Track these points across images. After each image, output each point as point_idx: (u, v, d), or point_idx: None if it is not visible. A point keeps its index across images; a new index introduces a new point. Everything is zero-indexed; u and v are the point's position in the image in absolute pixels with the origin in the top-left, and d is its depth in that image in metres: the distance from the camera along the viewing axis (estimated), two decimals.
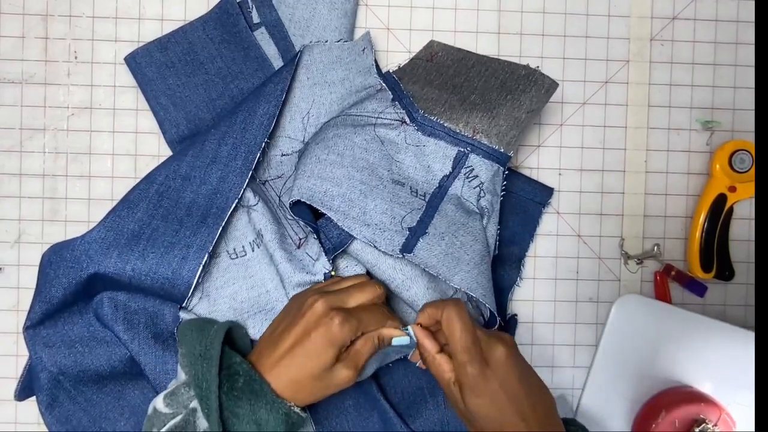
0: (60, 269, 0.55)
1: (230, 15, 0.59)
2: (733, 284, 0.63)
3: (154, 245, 0.54)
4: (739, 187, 0.61)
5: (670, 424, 0.55)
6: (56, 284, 0.55)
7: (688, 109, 0.63)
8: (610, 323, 0.59)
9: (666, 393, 0.58)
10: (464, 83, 0.57)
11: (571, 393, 0.62)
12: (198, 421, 0.46)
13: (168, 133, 0.59)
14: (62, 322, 0.56)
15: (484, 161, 0.55)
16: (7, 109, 0.59)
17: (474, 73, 0.58)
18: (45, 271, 0.55)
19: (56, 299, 0.55)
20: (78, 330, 0.56)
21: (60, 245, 0.55)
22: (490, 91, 0.56)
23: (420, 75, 0.58)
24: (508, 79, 0.57)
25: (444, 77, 0.58)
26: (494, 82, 0.57)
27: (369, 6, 0.61)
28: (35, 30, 0.60)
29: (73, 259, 0.55)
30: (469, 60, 0.59)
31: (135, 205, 0.56)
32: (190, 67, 0.59)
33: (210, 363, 0.47)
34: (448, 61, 0.59)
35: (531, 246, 0.62)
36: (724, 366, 0.58)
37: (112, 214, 0.56)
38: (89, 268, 0.54)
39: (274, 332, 0.50)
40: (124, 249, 0.54)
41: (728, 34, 0.63)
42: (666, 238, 0.63)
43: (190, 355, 0.48)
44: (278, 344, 0.49)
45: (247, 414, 0.47)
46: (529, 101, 0.55)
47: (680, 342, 0.59)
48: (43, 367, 0.55)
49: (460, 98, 0.56)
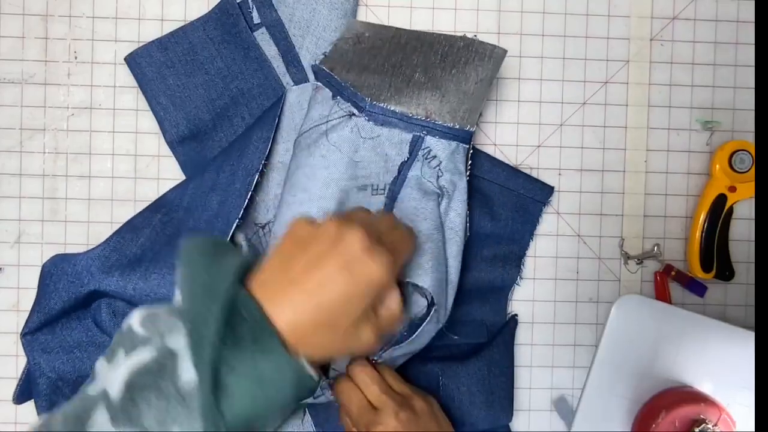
0: (60, 283, 0.55)
1: (230, 15, 0.59)
2: (733, 284, 0.63)
3: (157, 266, 0.54)
4: (739, 187, 0.61)
5: (670, 424, 0.55)
6: (55, 297, 0.55)
7: (688, 109, 0.63)
8: (610, 323, 0.59)
9: (666, 393, 0.58)
10: (403, 62, 0.55)
11: (571, 393, 0.62)
12: (180, 368, 0.37)
13: (168, 133, 0.59)
14: (60, 328, 0.56)
15: (441, 141, 0.53)
16: (7, 109, 0.59)
17: (410, 50, 0.55)
18: (45, 282, 0.55)
19: (55, 311, 0.55)
20: (76, 335, 0.56)
21: (61, 258, 0.55)
22: (433, 67, 0.54)
23: (353, 61, 0.55)
24: (448, 52, 0.55)
25: (379, 59, 0.55)
26: (434, 58, 0.55)
27: (369, 6, 0.61)
28: (35, 30, 0.60)
29: (74, 274, 0.55)
30: (401, 37, 0.56)
31: (139, 230, 0.56)
32: (189, 67, 0.59)
33: (214, 300, 0.38)
34: (378, 42, 0.56)
35: (531, 246, 0.62)
36: (724, 366, 0.58)
37: (117, 236, 0.56)
38: (90, 285, 0.54)
39: (289, 262, 0.40)
40: (126, 269, 0.54)
41: (728, 34, 0.63)
42: (666, 238, 0.63)
43: (191, 281, 0.39)
44: (299, 279, 0.39)
45: (246, 369, 0.37)
46: (475, 72, 0.54)
47: (680, 342, 0.59)
48: (41, 372, 0.55)
49: (404, 79, 0.54)
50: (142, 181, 0.60)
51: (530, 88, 0.62)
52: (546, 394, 0.63)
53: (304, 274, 0.39)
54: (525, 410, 0.62)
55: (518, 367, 0.61)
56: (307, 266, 0.40)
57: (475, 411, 0.58)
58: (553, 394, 0.63)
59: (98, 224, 0.60)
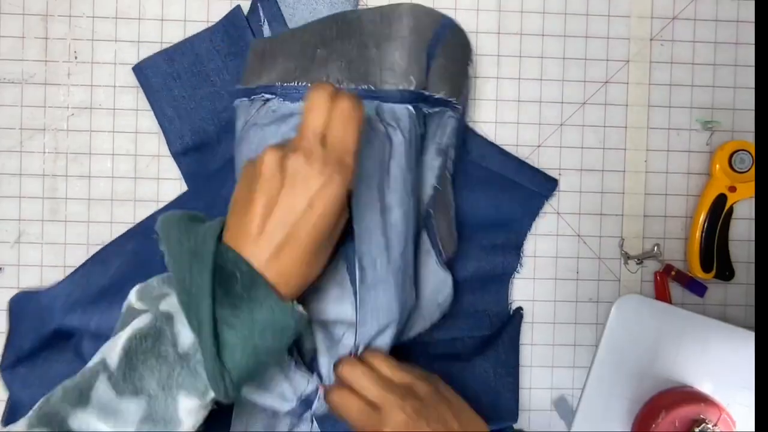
0: (25, 322, 0.56)
1: (237, 28, 0.59)
2: (733, 284, 0.63)
3: (121, 298, 0.53)
4: (739, 187, 0.61)
5: (670, 424, 0.55)
6: (23, 335, 0.57)
7: (688, 109, 0.63)
8: (610, 323, 0.59)
9: (666, 393, 0.58)
10: (305, 45, 0.56)
11: (571, 393, 0.62)
12: (177, 331, 0.38)
13: (173, 145, 0.59)
14: (41, 361, 0.56)
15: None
16: (7, 109, 0.59)
17: (310, 34, 0.56)
18: (11, 319, 0.57)
19: (26, 348, 0.56)
20: (58, 367, 0.57)
21: (24, 295, 0.57)
22: (332, 41, 0.55)
23: (259, 68, 0.56)
24: (343, 25, 0.56)
25: (284, 52, 0.56)
26: (331, 33, 0.56)
27: (369, 6, 0.61)
28: (35, 30, 0.60)
29: (37, 312, 0.56)
30: (305, 29, 0.57)
31: (109, 261, 0.58)
32: (196, 79, 0.59)
33: (202, 263, 0.38)
34: (280, 42, 0.57)
35: (531, 246, 0.62)
36: (724, 366, 0.58)
37: (82, 270, 0.58)
38: (52, 324, 0.56)
39: (248, 209, 0.40)
40: (89, 305, 0.56)
41: (728, 34, 0.63)
42: (666, 238, 0.63)
43: (175, 252, 0.40)
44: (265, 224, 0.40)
45: (245, 323, 0.38)
46: (373, 38, 0.55)
47: (680, 342, 0.59)
48: (22, 405, 0.56)
49: (309, 57, 0.55)
50: (142, 181, 0.60)
51: (530, 88, 0.62)
52: (546, 394, 0.63)
53: (267, 216, 0.40)
54: (525, 410, 0.62)
55: (519, 368, 0.61)
56: (267, 207, 0.40)
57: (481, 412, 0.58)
58: (553, 394, 0.63)
59: (98, 224, 0.60)
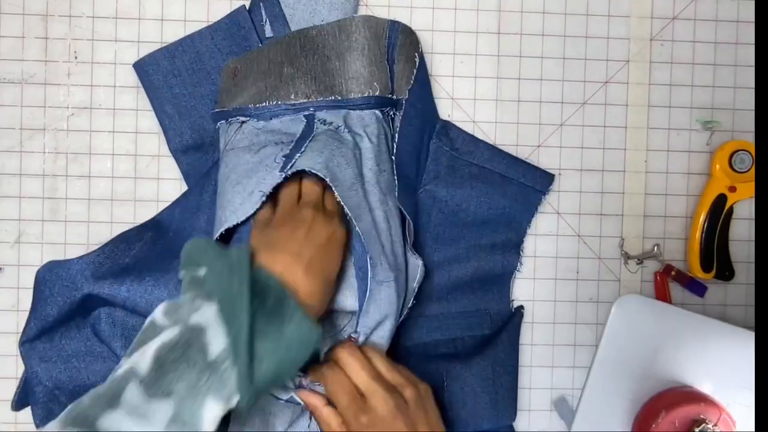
0: (55, 287, 0.55)
1: (241, 28, 0.59)
2: (733, 284, 0.63)
3: (149, 272, 0.55)
4: (739, 187, 0.61)
5: (670, 424, 0.55)
6: (51, 302, 0.56)
7: (688, 109, 0.63)
8: (610, 323, 0.59)
9: (666, 393, 0.58)
10: (270, 65, 0.57)
11: (571, 393, 0.62)
12: (207, 341, 0.41)
13: (172, 142, 0.59)
14: (59, 337, 0.56)
15: (330, 112, 0.56)
16: (7, 109, 0.59)
17: (275, 53, 0.57)
18: (40, 288, 0.56)
19: (51, 317, 0.56)
20: (75, 345, 0.56)
21: (56, 263, 0.56)
22: (297, 58, 0.57)
23: (234, 90, 0.58)
24: (305, 42, 0.57)
25: (253, 74, 0.57)
26: (294, 50, 0.57)
27: (369, 6, 0.61)
28: (35, 30, 0.60)
29: (69, 278, 0.56)
30: (269, 49, 0.58)
31: (132, 242, 0.58)
32: (196, 77, 0.59)
33: (241, 277, 0.43)
34: (249, 64, 0.58)
35: (531, 246, 0.62)
36: (724, 366, 0.58)
37: (110, 245, 0.57)
38: (84, 288, 0.55)
39: (285, 241, 0.48)
40: (119, 274, 0.55)
41: (728, 34, 0.63)
42: (666, 238, 0.63)
43: (213, 271, 0.44)
44: (301, 253, 0.47)
45: (275, 335, 0.43)
46: (334, 51, 0.56)
47: (680, 342, 0.59)
48: (38, 381, 0.55)
49: (276, 77, 0.56)
50: (142, 181, 0.60)
51: (530, 88, 0.62)
52: (546, 394, 0.63)
53: (302, 248, 0.48)
54: (525, 410, 0.62)
55: (519, 367, 0.61)
56: (303, 242, 0.48)
57: (480, 411, 0.58)
58: (553, 394, 0.63)
59: (98, 224, 0.60)
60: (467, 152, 0.61)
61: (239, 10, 0.59)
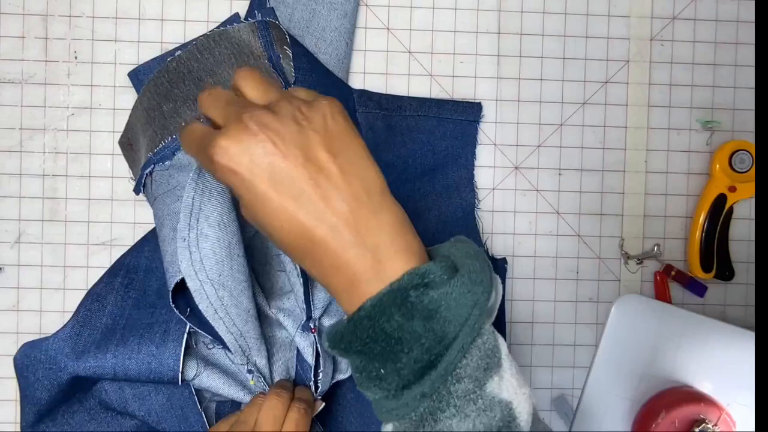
0: (38, 372, 0.53)
1: None
2: (733, 284, 0.63)
3: (132, 329, 0.53)
4: (739, 187, 0.61)
5: (670, 424, 0.55)
6: (39, 387, 0.54)
7: (688, 109, 0.63)
8: (610, 323, 0.59)
9: (666, 393, 0.58)
10: (151, 108, 0.56)
11: (571, 393, 0.62)
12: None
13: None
14: (61, 415, 0.55)
15: None
16: (7, 109, 0.59)
17: (159, 92, 0.57)
18: (23, 375, 0.54)
19: (44, 400, 0.54)
20: (79, 417, 0.55)
21: (30, 346, 0.54)
22: (176, 87, 0.56)
23: (137, 149, 0.57)
24: (178, 72, 0.57)
25: (139, 119, 0.57)
26: (178, 78, 0.56)
27: (369, 6, 0.61)
28: (35, 30, 0.60)
29: (49, 361, 0.53)
30: (157, 84, 0.57)
31: (104, 297, 0.55)
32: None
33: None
34: (139, 107, 0.58)
35: (531, 246, 0.62)
36: (724, 366, 0.58)
37: (83, 309, 0.55)
38: (68, 368, 0.53)
39: None
40: (101, 342, 0.53)
41: (728, 34, 0.63)
42: (666, 238, 0.63)
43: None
44: None
45: None
46: (212, 76, 0.56)
47: (680, 342, 0.59)
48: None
49: (160, 116, 0.55)
50: None
51: (530, 88, 0.62)
52: (546, 394, 0.63)
53: None
54: None
55: (506, 323, 0.62)
56: None
57: None
58: (553, 394, 0.63)
59: (98, 224, 0.60)
60: (396, 108, 0.61)
61: (233, 18, 0.59)
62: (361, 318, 0.36)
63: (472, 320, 0.36)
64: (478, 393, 0.35)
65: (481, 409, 0.35)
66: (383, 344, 0.35)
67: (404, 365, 0.35)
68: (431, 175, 0.61)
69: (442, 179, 0.61)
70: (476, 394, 0.35)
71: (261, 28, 0.57)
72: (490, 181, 0.62)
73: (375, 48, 0.61)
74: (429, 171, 0.61)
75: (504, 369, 0.37)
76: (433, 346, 0.35)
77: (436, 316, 0.35)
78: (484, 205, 0.62)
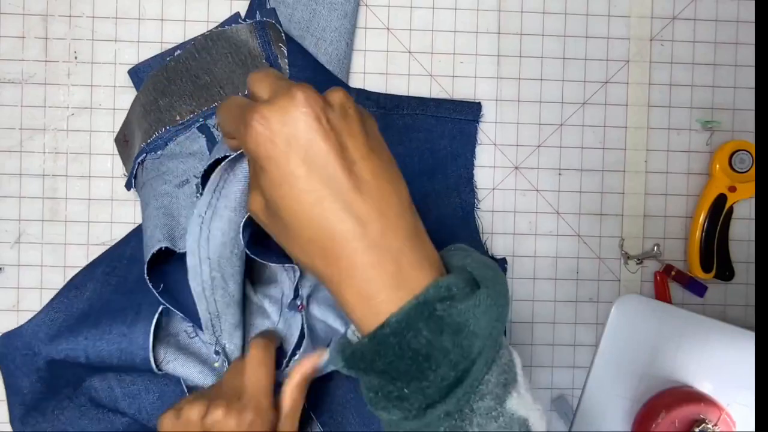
0: (16, 359, 0.55)
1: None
2: (733, 284, 0.63)
3: (107, 312, 0.54)
4: (739, 187, 0.61)
5: (670, 424, 0.55)
6: (19, 375, 0.55)
7: (688, 109, 0.63)
8: (610, 323, 0.59)
9: (666, 393, 0.58)
10: (147, 103, 0.57)
11: (571, 393, 0.62)
12: None
13: None
14: (51, 409, 0.55)
15: None
16: (7, 109, 0.59)
17: (155, 89, 0.57)
18: (4, 364, 0.56)
19: (26, 389, 0.55)
20: (69, 413, 0.55)
21: (9, 335, 0.56)
22: (172, 83, 0.57)
23: (132, 144, 0.58)
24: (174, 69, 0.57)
25: (136, 113, 0.58)
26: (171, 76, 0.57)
27: (369, 6, 0.61)
28: (35, 30, 0.60)
29: (24, 346, 0.55)
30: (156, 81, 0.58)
31: (83, 286, 0.57)
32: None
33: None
34: (136, 104, 0.58)
35: (531, 246, 0.62)
36: (724, 366, 0.58)
37: (60, 297, 0.57)
38: (42, 352, 0.54)
39: None
40: (74, 329, 0.54)
41: (728, 34, 0.63)
42: (666, 238, 0.63)
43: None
44: None
45: None
46: (207, 72, 0.57)
47: (680, 342, 0.59)
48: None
49: (155, 109, 0.56)
50: None
51: (530, 88, 0.62)
52: (546, 394, 0.63)
53: None
54: None
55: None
56: None
57: None
58: (553, 394, 0.63)
59: (98, 224, 0.60)
60: (394, 107, 0.61)
61: (233, 18, 0.59)
62: (386, 335, 0.33)
63: (495, 333, 0.35)
64: (500, 410, 0.34)
65: (502, 427, 0.34)
66: (409, 362, 0.33)
67: (431, 383, 0.33)
68: (431, 175, 0.61)
69: (441, 179, 0.61)
70: (497, 411, 0.34)
71: (258, 28, 0.57)
72: (490, 181, 0.62)
73: (375, 48, 0.61)
74: (428, 171, 0.61)
75: (520, 384, 0.36)
76: (459, 362, 0.33)
77: (465, 331, 0.33)
78: (484, 205, 0.62)
